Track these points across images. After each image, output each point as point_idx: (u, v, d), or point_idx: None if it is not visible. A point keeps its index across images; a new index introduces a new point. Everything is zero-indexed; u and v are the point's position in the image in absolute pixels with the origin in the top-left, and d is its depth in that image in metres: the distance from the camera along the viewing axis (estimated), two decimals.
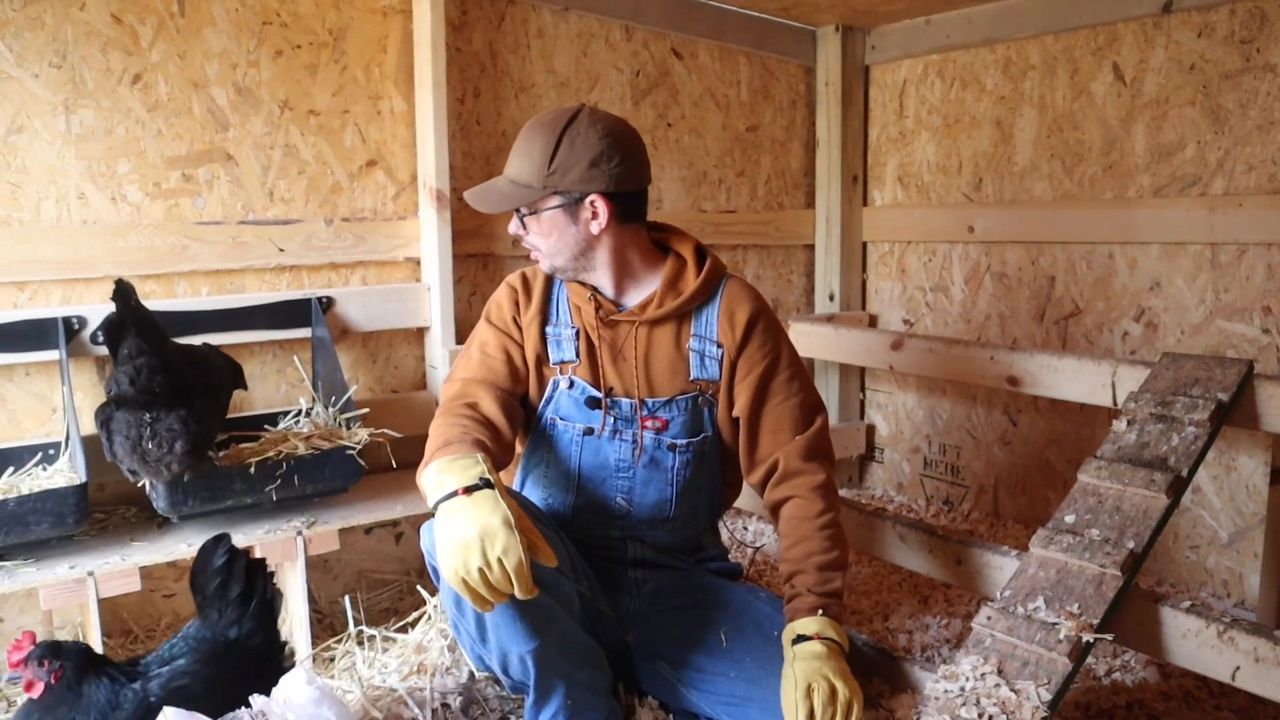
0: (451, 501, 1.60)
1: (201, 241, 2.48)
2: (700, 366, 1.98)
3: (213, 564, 1.81)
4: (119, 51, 2.36)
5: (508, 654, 1.71)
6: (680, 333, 1.97)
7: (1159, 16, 2.85)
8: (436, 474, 1.66)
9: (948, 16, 3.38)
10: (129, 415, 2.07)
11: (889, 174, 3.69)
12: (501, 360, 1.97)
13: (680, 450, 1.97)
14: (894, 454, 3.75)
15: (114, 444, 2.08)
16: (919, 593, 2.80)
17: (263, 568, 1.88)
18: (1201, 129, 2.79)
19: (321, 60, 2.62)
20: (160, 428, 2.08)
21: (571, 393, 1.96)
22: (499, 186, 1.95)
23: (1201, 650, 1.80)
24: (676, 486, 1.99)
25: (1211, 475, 2.82)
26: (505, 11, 2.93)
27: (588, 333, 1.97)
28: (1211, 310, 2.81)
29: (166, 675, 1.71)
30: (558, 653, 1.74)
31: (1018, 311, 3.31)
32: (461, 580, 1.55)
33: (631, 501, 1.98)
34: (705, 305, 1.98)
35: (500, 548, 1.54)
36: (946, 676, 1.79)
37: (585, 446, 1.97)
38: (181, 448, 2.09)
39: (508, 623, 1.67)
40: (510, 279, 2.08)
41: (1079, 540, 1.94)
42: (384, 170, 2.74)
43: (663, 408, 1.96)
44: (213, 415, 2.19)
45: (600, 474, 1.97)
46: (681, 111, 3.37)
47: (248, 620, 1.81)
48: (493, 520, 1.56)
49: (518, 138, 1.93)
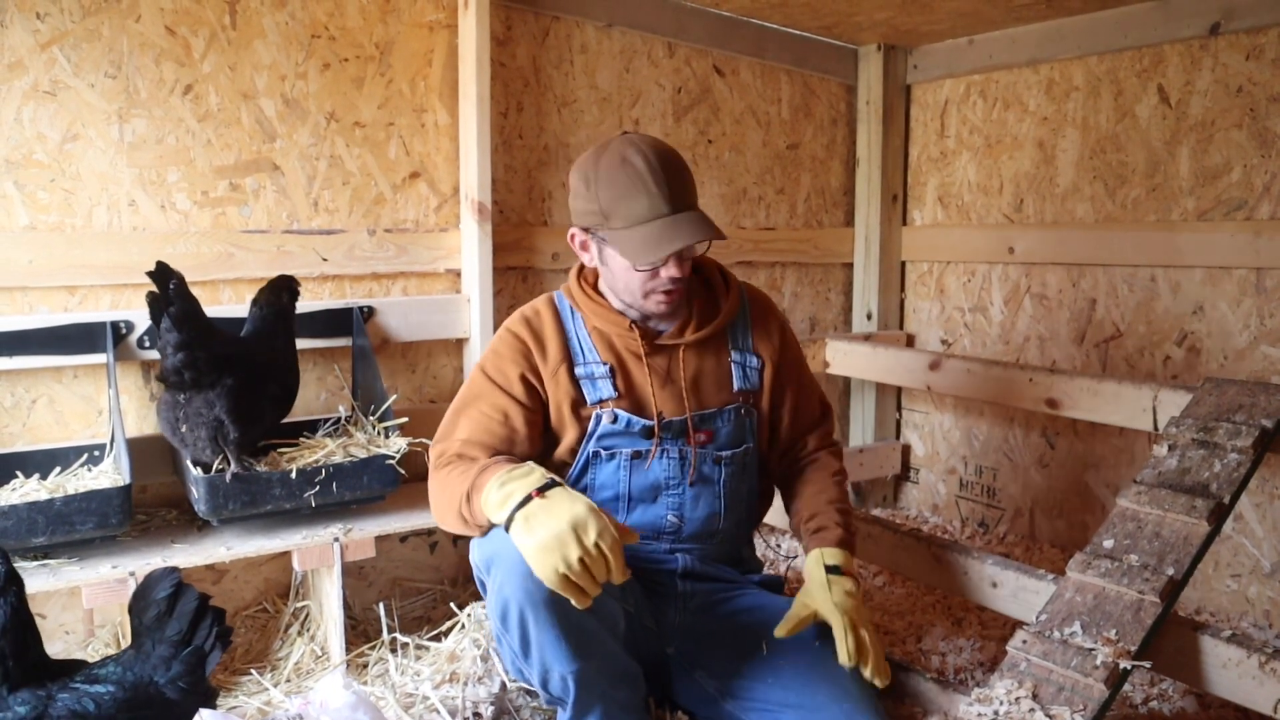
0: (528, 507, 1.60)
1: (247, 250, 2.52)
2: (743, 378, 2.02)
3: (154, 594, 1.67)
4: (172, 62, 2.41)
5: (549, 671, 1.71)
6: (719, 347, 2.01)
7: (1206, 38, 2.82)
8: (500, 488, 1.65)
9: (991, 36, 3.38)
10: (168, 396, 2.17)
11: (929, 193, 3.68)
12: (499, 422, 1.89)
13: (726, 462, 1.98)
14: (930, 475, 3.72)
15: (161, 428, 2.20)
16: (953, 615, 2.77)
17: (211, 614, 1.70)
18: (1248, 152, 2.76)
19: (368, 73, 2.66)
20: (190, 410, 2.14)
21: (616, 426, 1.93)
22: (698, 214, 1.83)
23: (1242, 681, 1.77)
24: (725, 500, 1.99)
25: (1254, 503, 2.77)
26: (549, 27, 2.96)
27: (622, 361, 1.95)
28: (1256, 335, 2.77)
29: (79, 695, 1.57)
30: (598, 674, 1.74)
31: (1057, 334, 3.28)
32: (562, 576, 1.54)
33: (683, 517, 1.97)
34: (738, 318, 2.05)
35: (595, 532, 1.55)
36: (980, 700, 1.78)
37: (634, 470, 1.95)
38: (207, 433, 2.15)
39: (553, 643, 1.67)
40: (512, 327, 1.98)
41: (1117, 565, 1.92)
42: (427, 182, 2.78)
43: (709, 420, 1.97)
44: (249, 402, 2.20)
45: (650, 494, 1.96)
46: (722, 128, 3.38)
47: (177, 664, 1.64)
48: (578, 508, 1.56)
49: (664, 166, 1.81)
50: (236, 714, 2.06)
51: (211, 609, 1.70)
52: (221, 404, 2.14)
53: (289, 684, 2.27)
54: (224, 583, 2.55)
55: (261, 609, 2.57)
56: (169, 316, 2.08)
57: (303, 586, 2.55)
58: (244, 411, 2.18)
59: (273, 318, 2.35)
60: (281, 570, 2.60)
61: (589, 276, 2.03)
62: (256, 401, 2.23)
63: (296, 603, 2.53)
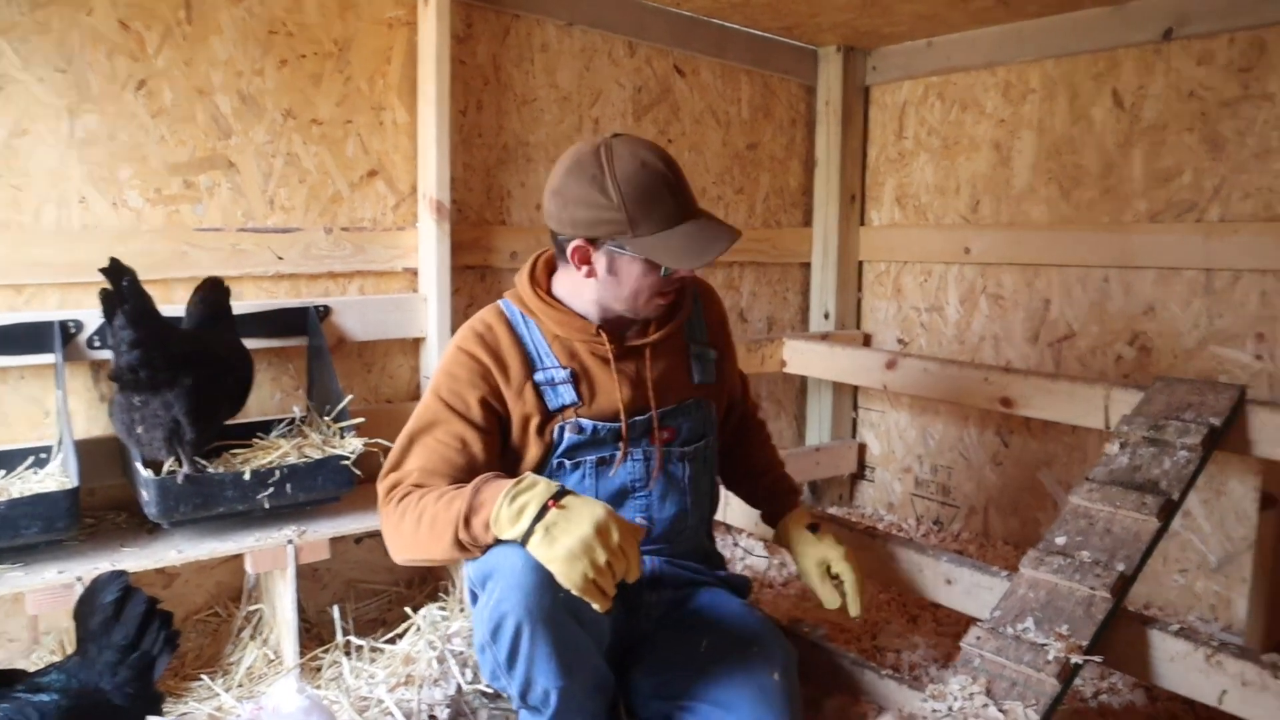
0: (547, 517, 1.56)
1: (201, 248, 2.49)
2: (702, 371, 2.03)
3: (100, 599, 1.65)
4: (125, 57, 2.37)
5: (533, 685, 1.68)
6: (678, 343, 2.02)
7: (1160, 44, 2.87)
8: (510, 504, 1.59)
9: (949, 39, 3.41)
10: (122, 398, 2.12)
11: (887, 194, 3.71)
12: (457, 449, 1.81)
13: (689, 458, 1.98)
14: (885, 473, 3.75)
15: (115, 429, 2.15)
16: (908, 612, 2.79)
17: (159, 618, 1.68)
18: (1199, 156, 2.81)
19: (326, 70, 2.64)
20: (147, 412, 2.10)
21: (582, 436, 1.89)
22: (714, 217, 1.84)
23: (1189, 674, 1.80)
24: (691, 496, 1.99)
25: (1202, 499, 2.82)
26: (510, 25, 2.94)
27: (585, 367, 1.91)
28: (1205, 335, 2.82)
29: (20, 705, 1.55)
30: (580, 688, 1.72)
31: (1012, 333, 3.32)
32: (591, 582, 1.53)
33: (651, 519, 1.95)
34: (692, 315, 2.07)
35: (618, 533, 1.55)
36: (934, 696, 1.80)
37: (600, 477, 1.91)
38: (163, 434, 2.11)
39: (545, 659, 1.64)
40: (466, 345, 1.88)
41: (1069, 562, 1.95)
42: (385, 181, 2.76)
43: (669, 417, 1.97)
44: (206, 401, 2.16)
45: (617, 499, 1.93)
46: (682, 128, 3.39)
47: (124, 669, 1.62)
48: (598, 513, 1.55)
49: (677, 174, 1.81)
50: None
51: (159, 612, 1.68)
52: (180, 405, 2.11)
53: (241, 689, 2.24)
54: (175, 586, 2.51)
55: (213, 613, 2.53)
56: (123, 314, 2.04)
57: (255, 590, 2.52)
58: (201, 412, 2.15)
59: (213, 316, 2.32)
60: (234, 573, 2.56)
61: (541, 281, 1.97)
62: (213, 402, 2.20)
63: (249, 606, 2.50)
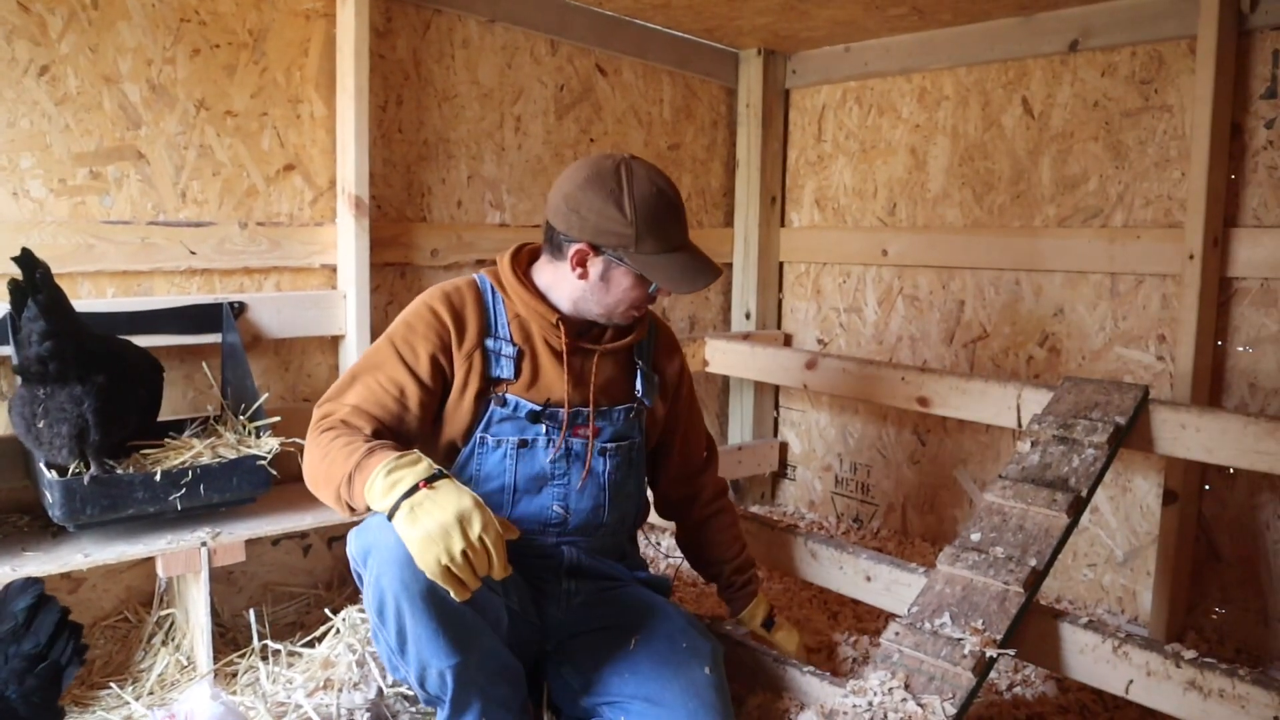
0: (414, 496, 1.57)
1: (108, 241, 2.40)
2: (644, 385, 2.09)
3: (12, 606, 1.60)
4: (25, 41, 2.28)
5: (427, 668, 1.69)
6: (627, 358, 2.09)
7: (1066, 54, 2.96)
8: (386, 475, 1.61)
9: (867, 45, 3.47)
10: (25, 391, 2.03)
11: (806, 196, 3.76)
12: (394, 397, 1.87)
13: (611, 454, 2.02)
14: (806, 471, 3.80)
15: (13, 424, 2.04)
16: (829, 609, 2.84)
17: (70, 631, 1.64)
18: (1104, 163, 2.91)
19: (240, 61, 2.57)
20: (52, 405, 2.02)
21: (506, 410, 1.94)
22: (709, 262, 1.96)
23: (1098, 665, 1.87)
24: (609, 491, 2.02)
25: (1109, 496, 2.92)
26: (430, 20, 2.91)
27: (534, 350, 1.98)
28: (1110, 337, 2.92)
29: None
30: (478, 669, 1.73)
31: (928, 334, 3.39)
32: (444, 568, 1.53)
33: (568, 508, 1.99)
34: (647, 339, 2.16)
35: (479, 525, 1.54)
36: (855, 691, 1.83)
37: (520, 459, 1.96)
38: (69, 430, 2.03)
39: (430, 636, 1.66)
40: (432, 302, 1.96)
41: (984, 558, 2.00)
42: (302, 175, 2.70)
43: (600, 416, 2.01)
44: (117, 404, 2.10)
45: (536, 484, 1.98)
46: (604, 128, 3.39)
47: (32, 678, 1.57)
48: (464, 501, 1.56)
49: (680, 205, 1.94)
50: None
51: (70, 624, 1.62)
52: (90, 401, 2.03)
53: (152, 696, 2.18)
54: (81, 592, 2.42)
55: (123, 618, 2.45)
56: (36, 304, 1.96)
57: (167, 594, 2.44)
58: (111, 413, 2.07)
59: None
60: (144, 577, 2.48)
61: (523, 264, 2.05)
62: (123, 407, 2.13)
63: (160, 611, 2.42)
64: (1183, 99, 2.74)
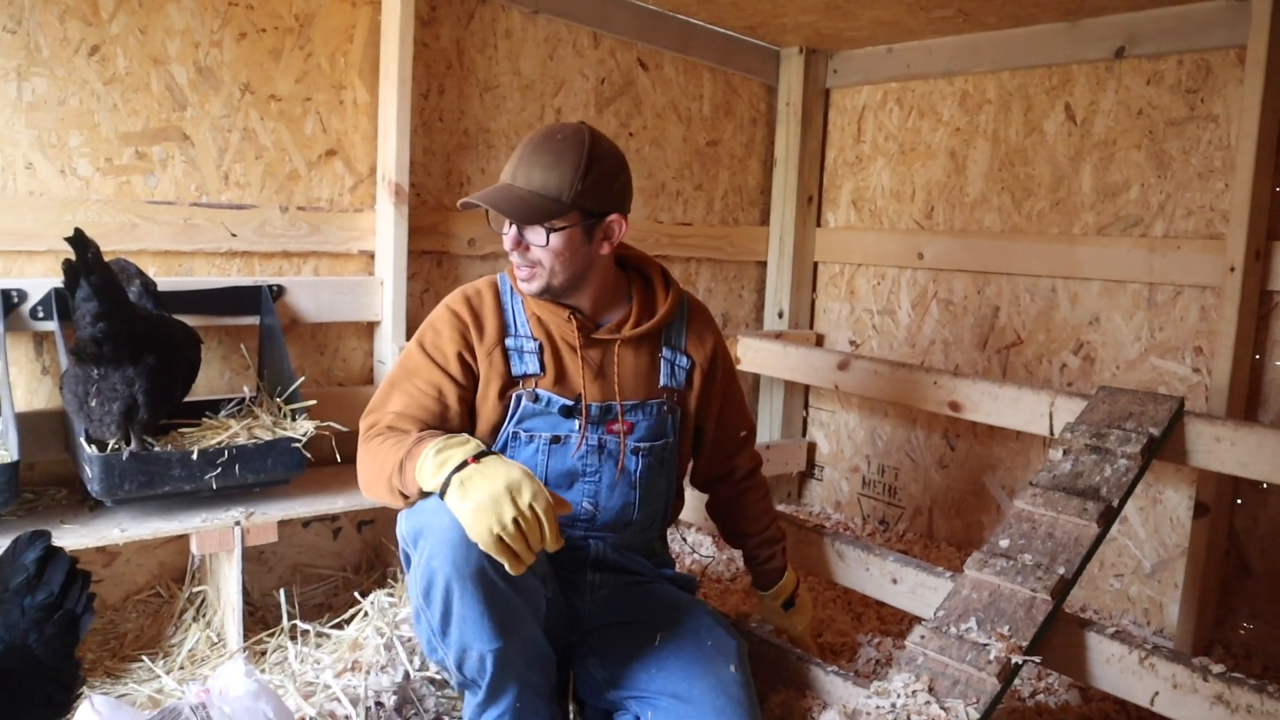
0: (463, 471, 1.61)
1: (152, 221, 2.44)
2: (670, 375, 2.05)
3: (21, 559, 1.63)
4: (77, 21, 2.31)
5: (468, 650, 1.70)
6: (653, 345, 2.05)
7: (1111, 61, 2.94)
8: (435, 454, 1.64)
9: (909, 46, 3.45)
10: (78, 370, 2.07)
11: (843, 197, 3.75)
12: (433, 398, 1.89)
13: (644, 454, 2.00)
14: (833, 472, 3.80)
15: (65, 400, 2.09)
16: (853, 610, 2.83)
17: (82, 580, 1.67)
18: (1146, 172, 2.88)
19: (286, 46, 2.59)
20: (105, 385, 2.06)
21: (538, 405, 1.94)
22: (520, 195, 1.83)
23: (1123, 675, 1.85)
24: (640, 490, 2.01)
25: (1138, 506, 2.90)
26: (475, 10, 2.92)
27: (555, 347, 1.96)
28: (1147, 347, 2.90)
29: None
30: (518, 655, 1.74)
31: (961, 338, 3.38)
32: (496, 538, 1.55)
33: (598, 505, 1.98)
34: (675, 320, 2.09)
35: (530, 494, 1.56)
36: (878, 693, 1.83)
37: (552, 454, 1.95)
38: (120, 408, 2.07)
39: (476, 619, 1.66)
40: (453, 304, 1.98)
41: (1012, 564, 1.99)
42: (343, 161, 2.72)
43: (631, 411, 1.99)
44: (165, 383, 2.14)
45: (566, 480, 1.97)
46: (644, 122, 3.39)
47: (50, 627, 1.60)
48: (514, 472, 1.58)
49: (532, 146, 1.85)
50: (126, 701, 1.99)
51: (80, 572, 1.66)
52: (141, 382, 2.07)
53: (182, 671, 2.21)
54: (115, 565, 2.46)
55: (155, 593, 2.49)
56: (89, 284, 2.00)
57: (200, 571, 2.48)
58: (159, 394, 2.11)
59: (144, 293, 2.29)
60: (178, 554, 2.52)
61: None
62: (170, 386, 2.17)
63: (193, 588, 2.46)
64: (1229, 109, 2.71)
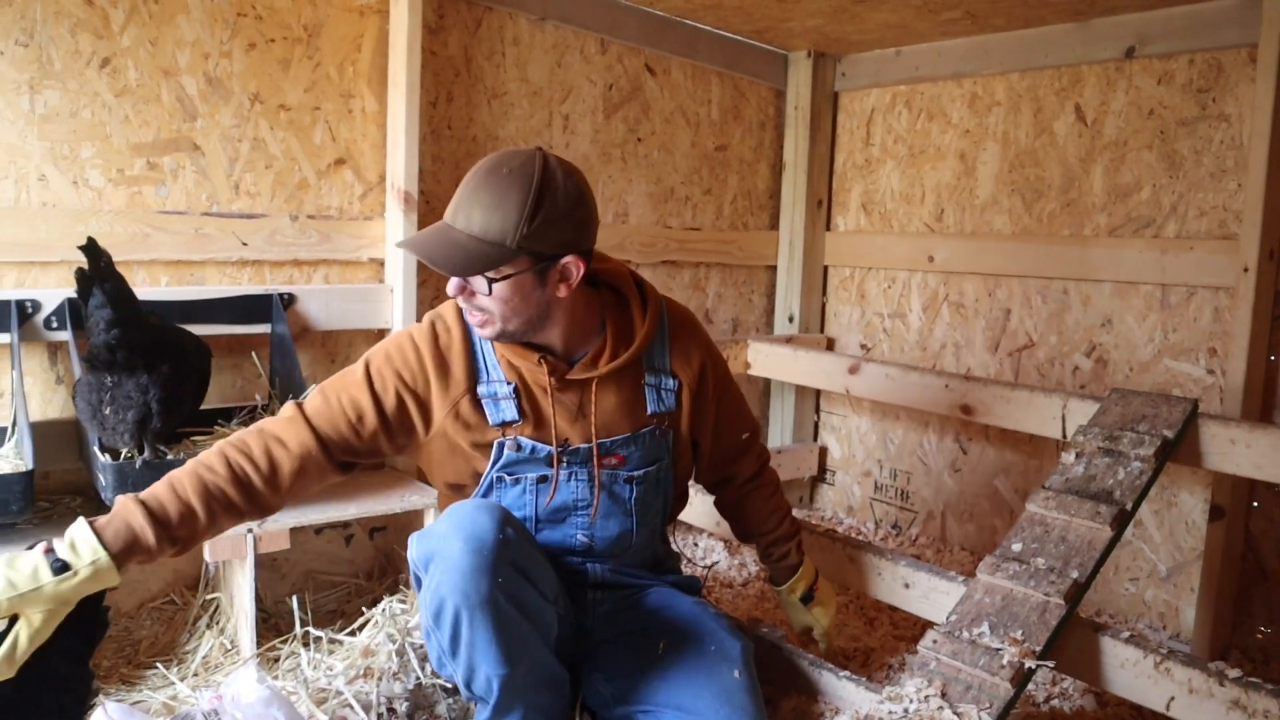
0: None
1: (163, 231, 2.45)
2: (657, 400, 1.94)
3: None
4: (89, 34, 2.33)
5: (475, 671, 1.67)
6: (635, 373, 1.93)
7: (1121, 61, 2.93)
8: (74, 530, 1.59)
9: (918, 49, 3.45)
10: (91, 378, 2.08)
11: (853, 200, 3.74)
12: (348, 421, 1.78)
13: (637, 481, 1.94)
14: (845, 476, 3.79)
15: (78, 409, 2.10)
16: (865, 614, 2.82)
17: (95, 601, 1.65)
18: (1157, 173, 2.87)
19: (295, 55, 2.61)
20: (119, 393, 2.07)
21: (521, 454, 1.85)
22: (458, 241, 1.66)
23: (1139, 680, 1.84)
24: (636, 516, 1.95)
25: (1153, 510, 2.88)
26: (482, 18, 2.93)
27: (530, 390, 1.85)
28: (1160, 349, 2.88)
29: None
30: (524, 679, 1.71)
31: (973, 341, 3.37)
32: None
33: (593, 537, 1.93)
34: (655, 339, 1.96)
35: None
36: (891, 698, 1.82)
37: (540, 493, 1.88)
38: (134, 417, 2.08)
39: (485, 645, 1.64)
40: (420, 339, 1.83)
41: (1025, 568, 1.98)
42: (352, 169, 2.73)
43: (620, 445, 1.91)
44: (179, 392, 2.15)
45: (559, 515, 1.91)
46: (652, 127, 3.39)
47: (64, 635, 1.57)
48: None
49: (474, 182, 1.68)
50: (140, 709, 2.00)
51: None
52: (155, 391, 2.08)
53: (196, 678, 2.22)
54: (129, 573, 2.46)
55: (169, 600, 2.50)
56: (102, 292, 2.01)
57: (213, 578, 2.49)
58: (173, 402, 2.12)
59: None
60: (190, 561, 2.53)
61: None
62: (182, 396, 2.18)
63: (206, 595, 2.47)
64: (1241, 108, 2.69)
